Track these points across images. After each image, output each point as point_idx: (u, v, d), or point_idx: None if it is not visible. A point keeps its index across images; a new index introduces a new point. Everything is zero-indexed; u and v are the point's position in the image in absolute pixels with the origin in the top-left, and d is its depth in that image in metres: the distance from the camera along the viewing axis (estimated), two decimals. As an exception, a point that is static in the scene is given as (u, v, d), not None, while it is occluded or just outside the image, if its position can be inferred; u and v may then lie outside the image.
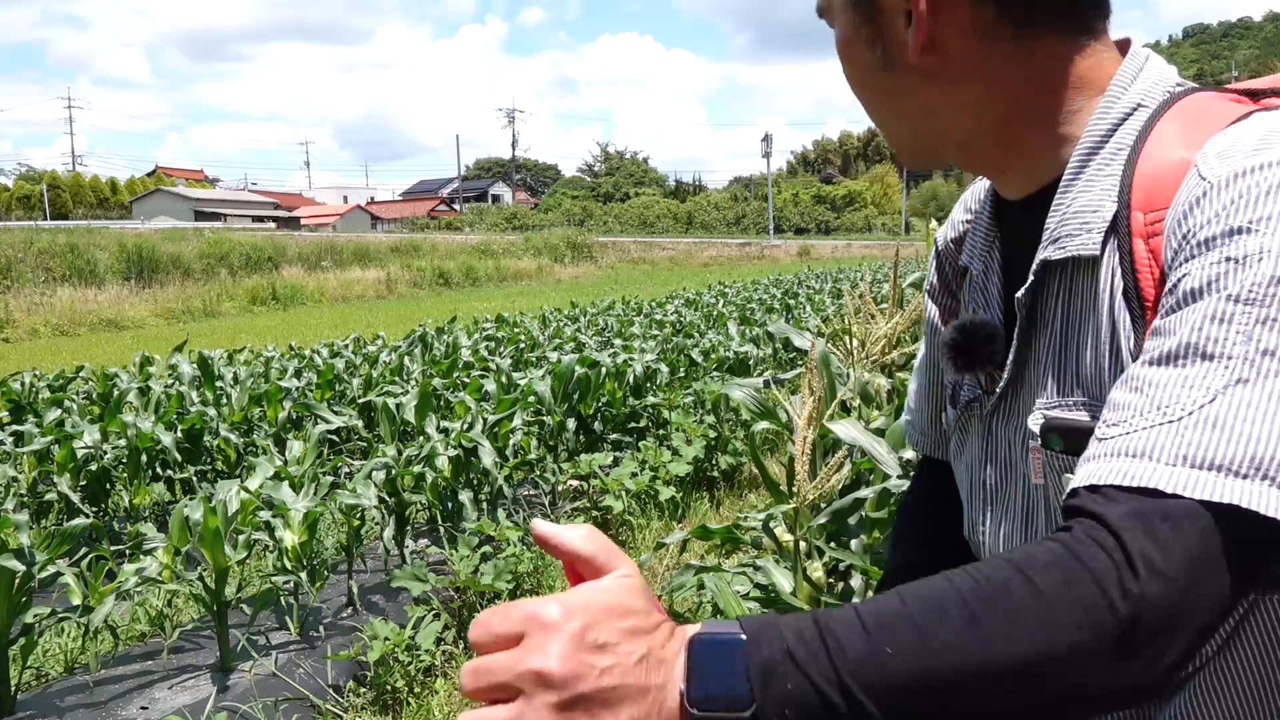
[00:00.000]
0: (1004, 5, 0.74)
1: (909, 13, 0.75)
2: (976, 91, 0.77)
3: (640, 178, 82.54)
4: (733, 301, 14.04)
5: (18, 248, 21.59)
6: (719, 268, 37.07)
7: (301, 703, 3.08)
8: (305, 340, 12.42)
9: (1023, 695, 0.53)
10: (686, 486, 5.39)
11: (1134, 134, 0.73)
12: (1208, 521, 0.55)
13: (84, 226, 29.70)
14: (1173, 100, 0.74)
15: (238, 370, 7.15)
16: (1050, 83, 0.76)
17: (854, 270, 23.68)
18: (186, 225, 35.75)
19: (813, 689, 0.51)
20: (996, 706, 0.53)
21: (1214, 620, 0.55)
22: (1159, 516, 0.55)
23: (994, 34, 0.75)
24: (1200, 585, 0.54)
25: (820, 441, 2.86)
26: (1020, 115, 0.77)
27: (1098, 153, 0.74)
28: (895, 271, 3.55)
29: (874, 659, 0.52)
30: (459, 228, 50.59)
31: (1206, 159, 0.67)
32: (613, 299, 15.68)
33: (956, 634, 0.52)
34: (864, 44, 0.78)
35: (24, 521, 3.08)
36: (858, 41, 0.78)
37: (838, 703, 0.51)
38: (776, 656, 0.52)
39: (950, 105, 0.78)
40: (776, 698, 0.51)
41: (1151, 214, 0.69)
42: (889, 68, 0.78)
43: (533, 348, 8.73)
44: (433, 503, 4.20)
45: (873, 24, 0.77)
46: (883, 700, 0.51)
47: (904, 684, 0.51)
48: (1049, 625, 0.52)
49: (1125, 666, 0.53)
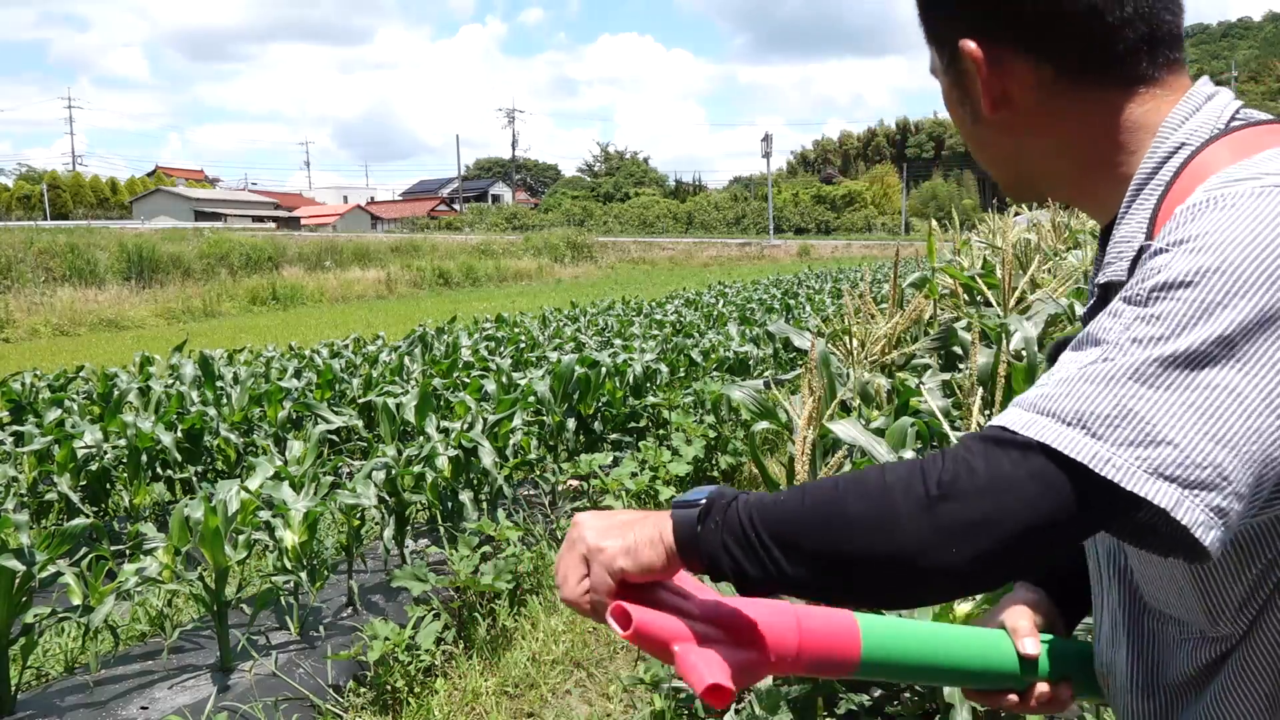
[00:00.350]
0: (1060, 63, 0.84)
1: None
2: (1048, 140, 0.88)
3: (640, 178, 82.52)
4: (733, 301, 14.04)
5: (18, 248, 21.60)
6: (719, 268, 37.07)
7: (301, 703, 3.08)
8: (305, 340, 12.42)
9: (858, 545, 0.73)
10: (686, 486, 5.39)
11: (1173, 171, 0.82)
12: (1031, 454, 0.70)
13: (84, 226, 29.72)
14: (1217, 136, 0.82)
15: (238, 370, 7.15)
16: (1108, 129, 0.85)
17: (854, 270, 23.68)
18: (187, 225, 35.75)
19: (735, 514, 0.78)
20: (846, 550, 0.74)
21: (1028, 535, 0.70)
22: (995, 443, 0.72)
23: (1055, 89, 0.85)
24: (1005, 498, 0.70)
25: (820, 441, 2.86)
26: (1087, 160, 0.87)
27: (1142, 190, 0.84)
28: (895, 271, 3.55)
29: (772, 503, 0.78)
30: (459, 228, 50.60)
31: (1209, 186, 0.75)
32: (613, 299, 15.68)
33: (824, 494, 0.76)
34: (955, 103, 0.91)
35: (24, 521, 3.08)
36: (952, 100, 0.92)
37: (745, 524, 0.77)
38: (722, 497, 0.80)
39: (1029, 152, 0.89)
40: (718, 507, 0.79)
41: None
42: (976, 121, 0.90)
43: (533, 348, 8.73)
44: (433, 503, 4.20)
45: (960, 86, 0.90)
46: (769, 528, 0.76)
47: (783, 519, 0.76)
48: (880, 497, 0.73)
49: (934, 542, 0.71)
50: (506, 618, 3.74)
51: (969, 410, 2.23)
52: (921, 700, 2.34)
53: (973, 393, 2.22)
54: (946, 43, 0.89)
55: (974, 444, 0.73)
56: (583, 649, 3.59)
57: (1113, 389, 0.69)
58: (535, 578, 4.09)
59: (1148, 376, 0.69)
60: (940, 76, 0.92)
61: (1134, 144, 0.85)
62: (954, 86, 0.90)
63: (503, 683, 3.32)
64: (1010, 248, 3.29)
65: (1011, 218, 4.20)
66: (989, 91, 0.86)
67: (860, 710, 2.36)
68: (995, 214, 6.42)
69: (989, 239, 5.48)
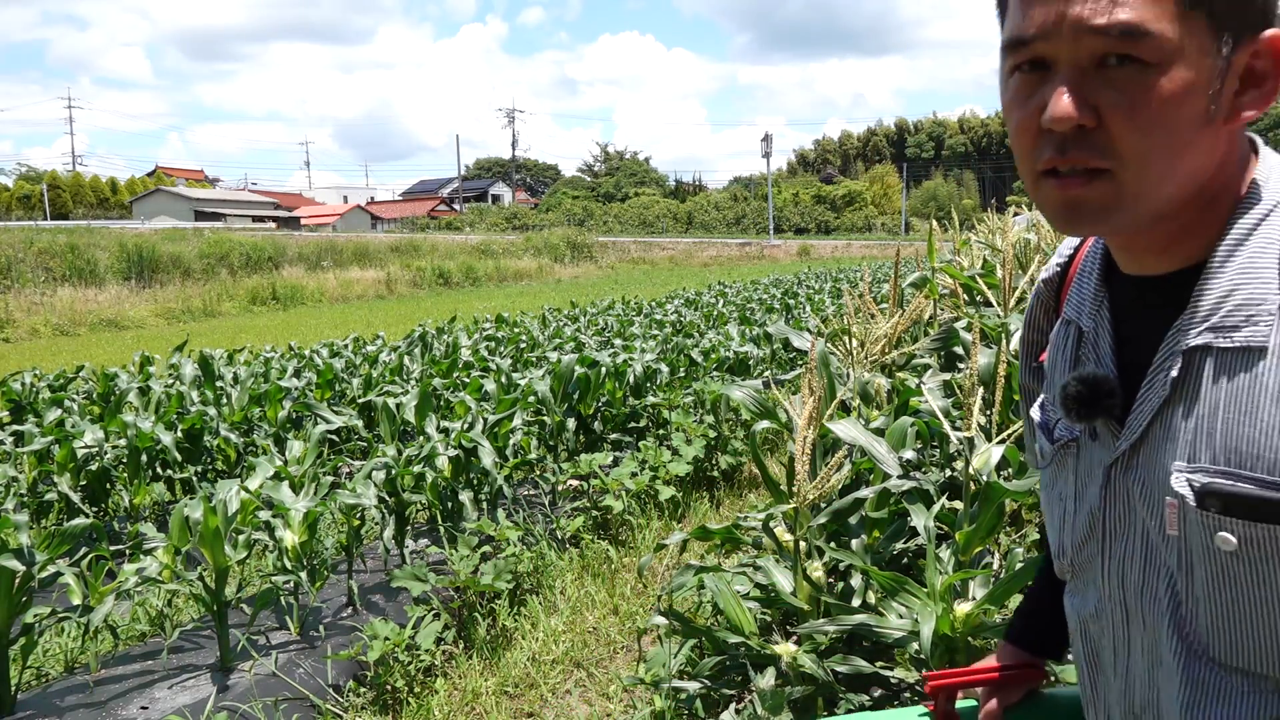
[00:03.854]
0: (1255, 83, 0.81)
1: (1239, 78, 0.80)
2: (1219, 157, 0.82)
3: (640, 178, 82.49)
4: (733, 301, 14.04)
5: (18, 248, 21.59)
6: (719, 268, 37.07)
7: (301, 703, 3.08)
8: (305, 340, 12.42)
9: None
10: (686, 486, 5.39)
11: (1278, 230, 0.81)
12: None
13: (84, 226, 29.70)
14: None
15: (238, 370, 7.15)
16: (1229, 157, 0.84)
17: (854, 270, 23.68)
18: (187, 225, 35.75)
19: None
20: None
21: None
22: None
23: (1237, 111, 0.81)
24: None
25: (820, 441, 2.86)
26: (1213, 187, 0.84)
27: (1243, 247, 0.81)
28: (896, 271, 3.55)
29: None
30: (459, 228, 50.58)
31: None
32: (613, 299, 15.68)
33: None
34: (1198, 93, 0.78)
35: (24, 521, 3.08)
36: (1194, 89, 0.77)
37: None
38: None
39: (1209, 167, 0.82)
40: None
41: None
42: (1210, 123, 0.79)
43: (533, 348, 8.73)
44: (433, 503, 4.20)
45: (1219, 77, 0.78)
46: None
47: None
48: None
49: None
50: (506, 618, 3.74)
51: (969, 410, 2.23)
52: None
53: (973, 393, 2.22)
54: (1239, 25, 0.78)
55: None
56: (582, 649, 3.59)
57: None
58: (535, 578, 4.09)
59: None
60: (1180, 61, 0.77)
61: (1235, 182, 0.84)
62: (1216, 76, 0.78)
63: (503, 683, 3.32)
64: (1010, 248, 3.29)
65: (1011, 218, 4.20)
66: (1274, 93, 0.80)
67: (860, 710, 2.36)
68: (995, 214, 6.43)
69: (989, 239, 5.48)
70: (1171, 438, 0.84)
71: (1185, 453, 0.83)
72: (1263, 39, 0.79)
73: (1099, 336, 0.93)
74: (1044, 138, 0.81)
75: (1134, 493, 0.88)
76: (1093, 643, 0.97)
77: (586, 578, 4.21)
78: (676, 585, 2.75)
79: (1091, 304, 0.95)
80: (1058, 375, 0.99)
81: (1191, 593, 0.84)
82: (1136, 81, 0.76)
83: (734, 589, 2.53)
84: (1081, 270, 0.99)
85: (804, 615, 2.47)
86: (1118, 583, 0.91)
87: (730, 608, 2.45)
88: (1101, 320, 0.93)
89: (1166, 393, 0.84)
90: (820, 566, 2.59)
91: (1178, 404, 0.84)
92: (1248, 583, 0.80)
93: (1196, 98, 0.77)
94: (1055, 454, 0.98)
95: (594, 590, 4.06)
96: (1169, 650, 0.86)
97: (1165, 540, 0.85)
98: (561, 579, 4.16)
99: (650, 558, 3.02)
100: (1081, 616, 0.98)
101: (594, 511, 4.76)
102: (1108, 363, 0.91)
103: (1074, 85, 0.77)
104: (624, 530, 4.80)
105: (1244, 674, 0.82)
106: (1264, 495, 0.77)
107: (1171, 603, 0.86)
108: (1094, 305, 0.94)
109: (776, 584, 2.55)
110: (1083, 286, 0.97)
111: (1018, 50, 0.81)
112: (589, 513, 4.73)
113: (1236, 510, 0.79)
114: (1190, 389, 0.83)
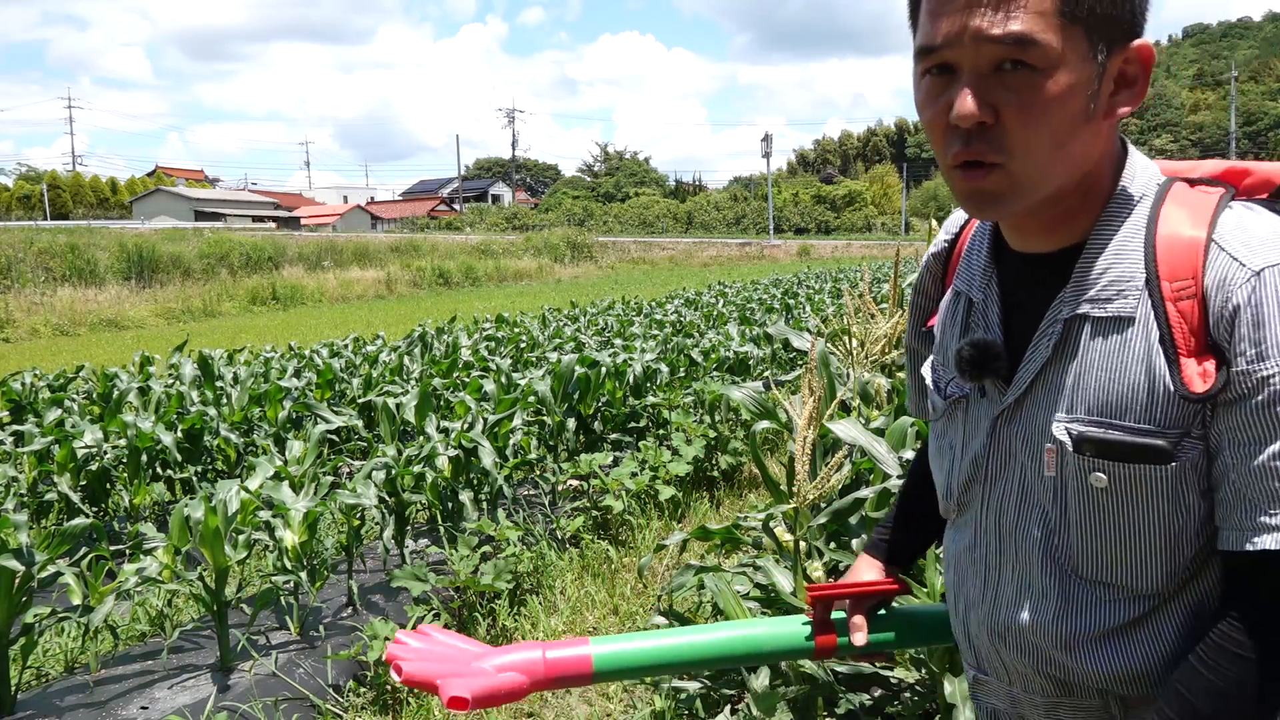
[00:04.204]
0: (1125, 86, 0.94)
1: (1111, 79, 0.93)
2: (1100, 149, 0.96)
3: (640, 178, 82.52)
4: (733, 301, 14.04)
5: (18, 248, 21.59)
6: (719, 268, 37.07)
7: (301, 703, 3.08)
8: (305, 340, 12.42)
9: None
10: (686, 486, 5.39)
11: (1144, 217, 0.96)
12: None
13: (84, 226, 29.70)
14: (1166, 190, 0.97)
15: (238, 370, 7.15)
16: (1108, 149, 0.98)
17: (854, 270, 23.68)
18: (187, 225, 35.75)
19: None
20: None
21: None
22: None
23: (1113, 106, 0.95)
24: None
25: (820, 441, 2.86)
26: (1092, 176, 0.97)
27: (1117, 231, 0.96)
28: (896, 271, 3.55)
29: None
30: (459, 228, 50.58)
31: (1229, 243, 0.91)
32: (613, 299, 15.68)
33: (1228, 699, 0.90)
34: (1079, 93, 0.90)
35: (24, 521, 3.08)
36: (1075, 90, 0.90)
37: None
38: None
39: (1089, 160, 0.95)
40: None
41: (1178, 282, 0.91)
42: (1091, 119, 0.92)
43: (533, 348, 8.73)
44: (433, 503, 4.20)
45: (1098, 79, 0.91)
46: None
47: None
48: None
49: None
50: (506, 618, 3.74)
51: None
52: (921, 700, 2.34)
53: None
54: (1111, 35, 0.91)
55: None
56: (583, 649, 3.58)
57: None
58: (535, 578, 4.09)
59: None
60: (1064, 65, 0.89)
61: (1110, 174, 0.98)
62: (1094, 79, 0.91)
63: (503, 683, 3.32)
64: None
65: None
66: (1143, 93, 0.94)
67: (860, 710, 2.36)
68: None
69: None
70: (1052, 393, 0.99)
71: (1064, 405, 0.97)
72: (1131, 48, 0.92)
73: (988, 307, 1.07)
74: (951, 132, 0.93)
75: (1016, 441, 1.03)
76: (964, 572, 1.11)
77: (586, 578, 4.21)
78: (676, 585, 2.75)
79: (981, 278, 1.08)
80: (949, 340, 1.13)
81: (1064, 523, 0.99)
82: (1027, 84, 0.89)
83: (734, 589, 2.53)
84: (970, 247, 1.13)
85: (804, 615, 2.47)
86: (995, 519, 1.06)
87: (730, 608, 2.45)
88: (991, 293, 1.07)
89: (1049, 354, 0.98)
90: (820, 566, 2.59)
91: (1058, 364, 0.98)
92: (1114, 513, 0.95)
93: (1078, 97, 0.90)
94: (946, 409, 1.13)
95: (594, 590, 4.06)
96: (1040, 573, 1.02)
97: (1042, 481, 1.00)
98: (561, 579, 4.16)
99: (650, 558, 3.02)
100: (958, 549, 1.12)
101: (594, 511, 4.76)
102: (996, 329, 1.05)
103: (975, 87, 0.90)
104: (624, 530, 4.80)
105: (1106, 586, 0.98)
106: (1131, 441, 0.93)
107: (1043, 534, 1.01)
108: (984, 279, 1.08)
109: (776, 584, 2.55)
110: (972, 262, 1.11)
111: (927, 56, 0.94)
112: (589, 513, 4.73)
113: (1108, 454, 0.94)
114: (1069, 351, 0.97)
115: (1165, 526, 0.94)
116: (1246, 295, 0.88)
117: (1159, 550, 0.95)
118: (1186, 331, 0.90)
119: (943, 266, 1.20)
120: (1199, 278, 0.90)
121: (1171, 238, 0.93)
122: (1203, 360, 0.90)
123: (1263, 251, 0.89)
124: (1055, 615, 1.01)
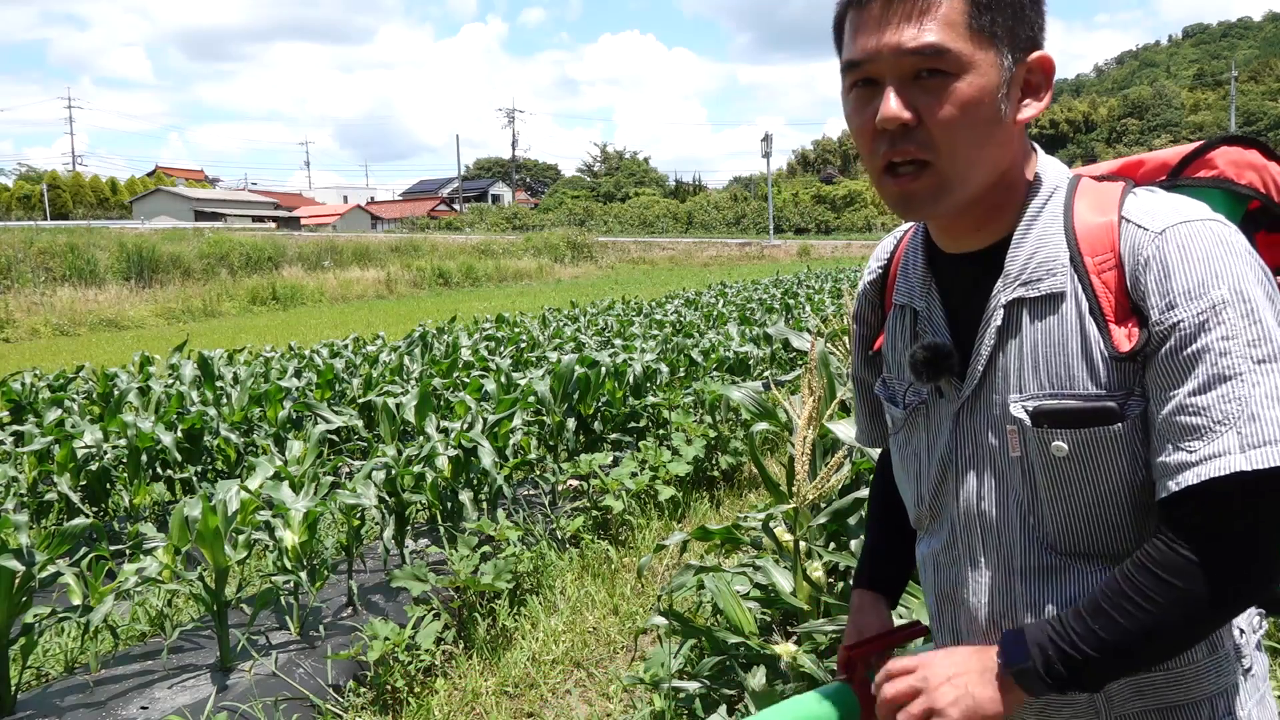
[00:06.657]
0: (1031, 92, 1.04)
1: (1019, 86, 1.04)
2: (1014, 149, 1.05)
3: (640, 178, 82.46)
4: (733, 301, 14.05)
5: (18, 248, 21.60)
6: (719, 268, 37.06)
7: (301, 702, 3.08)
8: (305, 340, 12.43)
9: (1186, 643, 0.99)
10: (686, 486, 5.39)
11: (1060, 206, 1.06)
12: None
13: (84, 226, 29.69)
14: (1076, 183, 1.08)
15: (238, 370, 7.15)
16: (1024, 151, 1.08)
17: (854, 270, 23.66)
18: (186, 225, 35.74)
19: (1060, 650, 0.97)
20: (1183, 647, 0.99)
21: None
22: (1247, 492, 0.92)
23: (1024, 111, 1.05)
24: None
25: (820, 441, 2.86)
26: (1010, 175, 1.06)
27: (1037, 221, 1.05)
28: (895, 271, 3.55)
29: (1091, 633, 0.97)
30: (459, 228, 50.57)
31: (1136, 216, 1.00)
32: (613, 299, 15.68)
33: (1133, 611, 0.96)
34: (991, 96, 1.00)
35: (24, 521, 3.08)
36: (987, 94, 1.00)
37: (1074, 655, 0.97)
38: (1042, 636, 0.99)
39: (1005, 159, 1.04)
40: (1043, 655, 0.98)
41: (1099, 257, 1.01)
42: (1000, 122, 1.01)
43: (533, 348, 8.73)
44: (433, 503, 4.20)
45: (1008, 85, 1.01)
46: (1097, 652, 0.96)
47: (1106, 646, 0.96)
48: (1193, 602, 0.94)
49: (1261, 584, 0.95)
50: (506, 618, 3.74)
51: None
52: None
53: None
54: (1015, 46, 1.01)
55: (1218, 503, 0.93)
56: (582, 649, 3.59)
57: None
58: (535, 578, 4.09)
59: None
60: (977, 71, 0.99)
61: (1024, 172, 1.07)
62: (1003, 84, 1.01)
63: (502, 683, 3.32)
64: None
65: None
66: (1048, 99, 1.04)
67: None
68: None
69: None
70: (1004, 376, 1.05)
71: (1017, 385, 1.04)
72: (1032, 58, 1.03)
73: (932, 311, 1.14)
74: (879, 137, 1.01)
75: (980, 430, 1.09)
76: (944, 572, 1.15)
77: (586, 578, 4.21)
78: (676, 585, 2.75)
79: (921, 287, 1.16)
80: (900, 354, 1.18)
81: (1036, 501, 1.05)
82: (943, 87, 0.99)
83: (734, 589, 2.53)
84: (904, 264, 1.20)
85: (804, 615, 2.48)
86: (973, 510, 1.10)
87: (730, 608, 2.45)
88: (933, 299, 1.14)
89: (994, 341, 1.06)
90: (820, 566, 2.59)
91: (1005, 348, 1.05)
92: (1080, 480, 1.02)
93: (989, 99, 0.99)
94: (907, 418, 1.18)
95: (594, 590, 4.06)
96: (1020, 554, 1.07)
97: (1009, 462, 1.06)
98: (561, 579, 4.16)
99: (650, 558, 3.02)
100: (934, 551, 1.16)
101: (594, 511, 4.76)
102: (943, 331, 1.12)
103: (898, 93, 0.99)
104: (624, 530, 4.80)
105: (1082, 556, 1.05)
106: (1082, 406, 1.00)
107: (1020, 515, 1.06)
108: (923, 288, 1.15)
109: (776, 584, 2.55)
110: (909, 276, 1.18)
111: (853, 70, 1.03)
112: (589, 513, 4.73)
113: (1064, 422, 1.01)
114: (1013, 334, 1.05)
115: (1129, 484, 1.01)
116: (1153, 251, 0.97)
117: (1126, 510, 1.02)
118: (1111, 300, 1.00)
119: (879, 294, 1.27)
120: (1117, 250, 1.00)
121: (1087, 222, 1.03)
122: (1126, 323, 0.98)
123: (1163, 216, 0.99)
124: (1040, 594, 1.06)
